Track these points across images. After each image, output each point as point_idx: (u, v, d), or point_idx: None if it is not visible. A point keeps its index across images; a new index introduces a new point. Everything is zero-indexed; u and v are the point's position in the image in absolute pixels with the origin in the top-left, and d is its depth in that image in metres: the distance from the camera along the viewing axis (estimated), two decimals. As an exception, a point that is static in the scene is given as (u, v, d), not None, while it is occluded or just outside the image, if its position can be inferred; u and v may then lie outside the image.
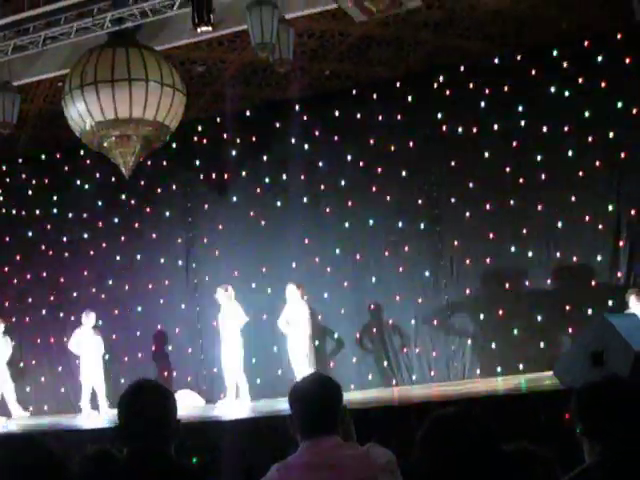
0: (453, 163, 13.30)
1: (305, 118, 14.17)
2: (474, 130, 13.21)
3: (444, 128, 13.40)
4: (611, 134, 12.46)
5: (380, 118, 13.76)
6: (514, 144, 12.98)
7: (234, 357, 12.75)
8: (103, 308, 14.65)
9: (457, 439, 2.51)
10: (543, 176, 12.74)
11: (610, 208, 12.44)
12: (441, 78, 13.43)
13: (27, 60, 11.06)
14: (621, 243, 12.37)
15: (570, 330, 11.92)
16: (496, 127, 13.06)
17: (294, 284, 12.74)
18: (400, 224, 13.48)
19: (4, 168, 15.88)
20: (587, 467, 2.91)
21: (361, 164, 13.80)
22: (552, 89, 12.79)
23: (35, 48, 10.65)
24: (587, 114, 12.57)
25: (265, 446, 7.94)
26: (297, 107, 14.19)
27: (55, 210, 15.48)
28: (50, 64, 11.26)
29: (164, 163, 14.76)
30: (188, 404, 13.22)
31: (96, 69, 10.16)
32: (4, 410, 13.73)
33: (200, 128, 14.69)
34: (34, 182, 15.64)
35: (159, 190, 14.94)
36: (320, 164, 14.04)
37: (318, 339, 13.55)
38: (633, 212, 12.34)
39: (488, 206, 13.04)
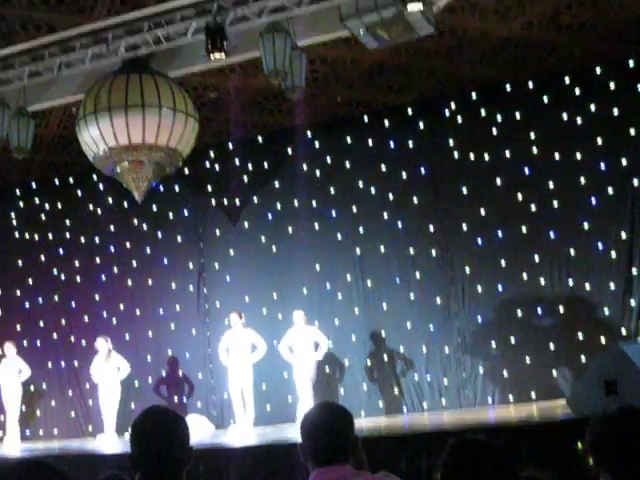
0: (465, 190, 13.29)
1: (317, 144, 14.21)
2: (486, 157, 13.21)
3: (456, 155, 13.40)
4: (624, 161, 12.44)
5: (392, 145, 13.78)
6: (526, 171, 12.98)
7: (246, 383, 12.75)
8: (114, 333, 14.65)
9: (479, 465, 2.50)
10: (555, 203, 12.73)
11: (623, 236, 12.39)
12: (453, 105, 13.46)
13: (42, 86, 11.12)
14: (634, 271, 12.31)
15: (583, 358, 11.85)
16: (508, 154, 13.07)
17: (300, 310, 12.79)
18: (411, 251, 13.47)
19: (18, 192, 15.95)
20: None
21: (372, 190, 13.80)
22: (564, 116, 12.80)
23: (50, 74, 10.73)
24: (599, 141, 12.56)
25: (275, 473, 7.90)
26: (309, 133, 14.23)
27: (67, 234, 15.53)
28: (64, 90, 11.33)
29: (176, 188, 14.82)
30: (198, 429, 13.18)
31: (110, 95, 10.23)
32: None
33: (212, 154, 14.75)
34: (47, 206, 15.72)
35: (171, 215, 14.98)
36: (331, 190, 14.05)
37: (328, 365, 13.52)
38: (645, 239, 12.31)
39: (500, 233, 13.02)
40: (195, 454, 3.10)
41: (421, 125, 13.64)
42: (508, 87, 13.10)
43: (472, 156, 13.29)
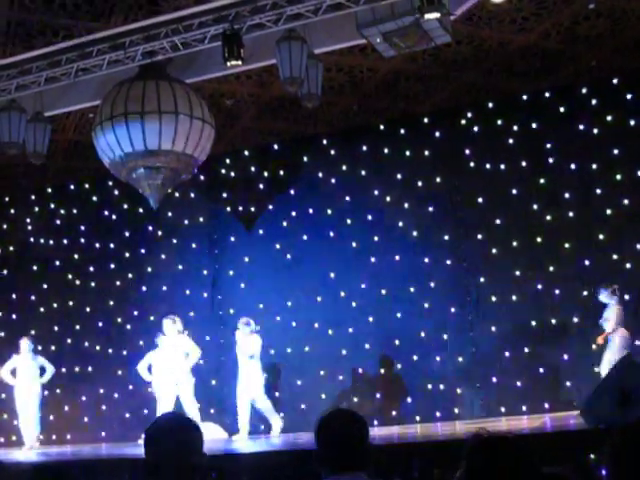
0: (480, 199, 13.27)
1: (332, 152, 14.23)
2: (502, 167, 13.19)
3: (472, 164, 13.39)
4: (639, 172, 12.40)
5: (407, 153, 13.78)
6: (542, 181, 12.95)
7: (183, 390, 12.66)
8: (128, 338, 14.72)
9: (503, 461, 2.49)
10: (571, 214, 12.70)
11: (638, 247, 12.34)
12: (469, 114, 13.46)
13: (59, 91, 11.17)
14: (649, 282, 12.27)
15: (597, 370, 11.79)
16: (524, 164, 13.05)
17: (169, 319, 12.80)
18: (426, 260, 13.45)
19: (33, 197, 16.02)
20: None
21: (388, 199, 13.80)
22: (581, 126, 12.77)
23: (67, 79, 10.77)
24: (616, 152, 12.53)
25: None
26: (324, 141, 14.26)
27: (82, 240, 15.58)
28: (81, 96, 11.38)
29: (191, 195, 14.86)
30: (211, 437, 13.17)
31: (126, 101, 10.27)
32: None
33: (228, 161, 14.78)
34: (62, 212, 15.78)
35: (186, 222, 15.01)
36: (347, 198, 14.06)
37: (342, 374, 13.51)
38: (662, 251, 12.25)
39: (515, 243, 12.99)
40: (209, 462, 3.09)
41: (437, 134, 13.63)
42: (524, 97, 13.09)
43: (488, 166, 13.27)
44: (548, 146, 12.93)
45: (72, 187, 15.78)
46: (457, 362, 13.13)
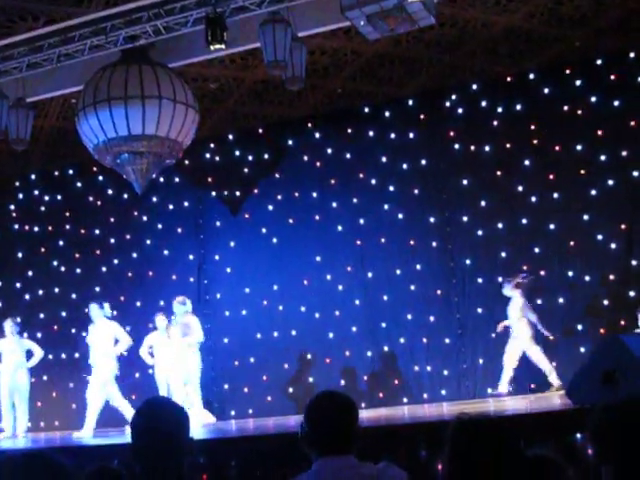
0: (465, 181, 13.29)
1: (317, 136, 14.21)
2: (486, 148, 13.21)
3: (456, 146, 13.41)
4: (624, 153, 12.45)
5: (392, 136, 13.78)
6: (526, 163, 12.98)
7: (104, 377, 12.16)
8: (115, 324, 14.70)
9: (485, 442, 2.50)
10: (555, 195, 12.74)
11: (622, 227, 12.40)
12: (453, 96, 13.46)
13: (41, 77, 11.10)
14: (633, 262, 12.32)
15: (582, 349, 11.85)
16: (509, 145, 13.07)
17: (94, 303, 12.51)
18: (412, 242, 13.47)
19: (17, 184, 15.93)
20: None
21: (373, 182, 13.80)
22: (565, 108, 12.80)
23: (49, 65, 10.70)
24: (600, 133, 12.56)
25: (276, 464, 7.90)
26: (309, 125, 14.24)
27: (67, 226, 15.51)
28: (64, 81, 11.31)
29: (176, 180, 14.81)
30: (199, 421, 13.18)
31: (109, 86, 10.22)
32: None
33: (212, 145, 14.74)
34: (47, 198, 15.70)
35: (171, 207, 14.97)
36: (332, 182, 14.05)
37: (329, 356, 13.54)
38: (646, 231, 12.31)
39: (500, 225, 13.03)
40: (196, 446, 3.09)
41: (422, 116, 13.64)
42: (509, 78, 13.10)
43: (473, 148, 13.29)
44: (533, 127, 12.94)
45: (56, 173, 15.70)
46: (443, 344, 13.17)
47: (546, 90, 12.92)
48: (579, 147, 12.67)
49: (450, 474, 2.54)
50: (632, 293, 12.24)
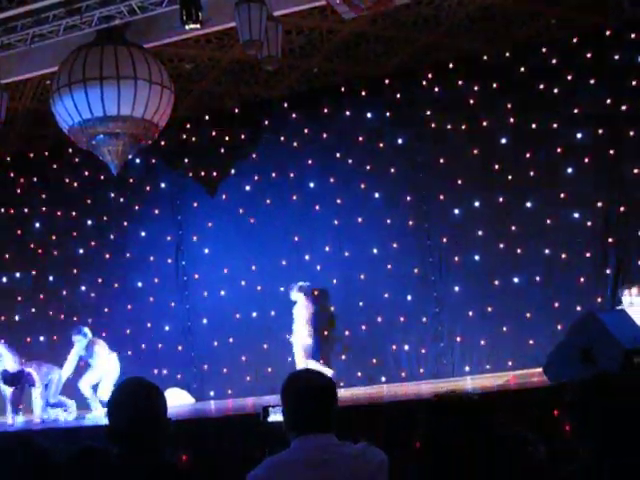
0: (442, 160, 13.31)
1: (294, 115, 14.18)
2: (463, 127, 13.22)
3: (433, 125, 13.41)
4: (600, 131, 12.50)
5: (369, 115, 13.77)
6: (503, 141, 13.00)
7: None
8: (93, 306, 14.66)
9: (458, 422, 2.52)
10: (532, 173, 12.77)
11: (599, 204, 12.47)
12: (430, 75, 13.45)
13: (15, 58, 11.00)
14: (610, 239, 12.40)
15: (559, 327, 11.93)
16: (485, 124, 13.09)
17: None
18: (389, 221, 13.49)
19: (-8, 166, 15.82)
20: (578, 466, 2.91)
21: (350, 161, 13.79)
22: (541, 86, 12.81)
23: (23, 46, 10.61)
24: (576, 111, 12.59)
25: (257, 443, 7.93)
26: (286, 105, 14.20)
27: (44, 208, 15.41)
28: (38, 62, 11.21)
29: (153, 161, 14.75)
30: (178, 402, 13.21)
31: (84, 67, 10.16)
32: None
33: (189, 126, 14.67)
34: (22, 180, 15.58)
35: (148, 188, 14.91)
36: (309, 161, 14.03)
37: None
38: (622, 208, 12.36)
39: (477, 203, 13.06)
40: (175, 426, 3.10)
41: (398, 96, 13.61)
42: (485, 57, 13.09)
43: (449, 126, 13.29)
44: (509, 106, 12.96)
45: (32, 155, 15.58)
46: (421, 322, 13.23)
47: (522, 68, 12.93)
48: (555, 125, 12.70)
49: (424, 455, 2.56)
50: (608, 271, 12.33)
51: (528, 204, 12.78)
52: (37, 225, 15.45)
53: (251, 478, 3.19)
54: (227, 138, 14.51)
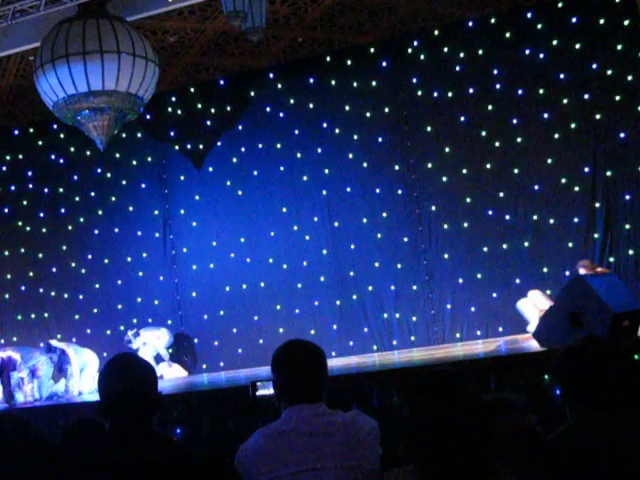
0: (429, 128, 13.29)
1: (279, 86, 14.11)
2: (449, 94, 13.20)
3: (419, 93, 13.38)
4: (586, 96, 12.49)
5: (355, 84, 13.72)
6: (489, 108, 12.99)
7: None
8: (83, 282, 14.65)
9: (444, 394, 2.53)
10: (519, 139, 12.78)
11: (586, 170, 12.49)
12: (415, 43, 13.40)
13: (-4, 34, 10.92)
14: (597, 204, 12.44)
15: (548, 292, 11.99)
16: (471, 91, 13.07)
17: None
18: (377, 190, 13.49)
19: (-23, 144, 15.72)
20: (567, 428, 2.94)
21: (337, 131, 13.77)
22: (527, 52, 12.79)
23: (4, 22, 10.51)
24: (562, 76, 12.59)
25: (252, 414, 7.97)
26: (271, 75, 14.13)
27: (30, 185, 15.34)
28: (20, 38, 11.12)
29: (138, 135, 14.68)
30: (171, 376, 13.26)
31: (67, 42, 10.08)
32: None
33: (174, 99, 14.60)
34: (8, 158, 15.49)
35: (134, 162, 14.85)
36: (296, 132, 13.99)
37: (298, 307, 13.60)
38: (609, 173, 12.40)
39: (465, 170, 13.07)
40: (168, 400, 3.10)
41: (384, 64, 13.57)
42: (470, 23, 13.04)
43: (435, 94, 13.28)
44: (495, 72, 12.94)
45: (17, 132, 15.49)
46: (411, 290, 13.27)
47: (507, 34, 12.90)
48: (541, 91, 12.69)
49: (411, 425, 2.58)
50: (596, 235, 12.38)
51: (516, 170, 12.80)
52: (24, 202, 15.36)
53: (243, 449, 3.20)
54: (213, 110, 14.45)
